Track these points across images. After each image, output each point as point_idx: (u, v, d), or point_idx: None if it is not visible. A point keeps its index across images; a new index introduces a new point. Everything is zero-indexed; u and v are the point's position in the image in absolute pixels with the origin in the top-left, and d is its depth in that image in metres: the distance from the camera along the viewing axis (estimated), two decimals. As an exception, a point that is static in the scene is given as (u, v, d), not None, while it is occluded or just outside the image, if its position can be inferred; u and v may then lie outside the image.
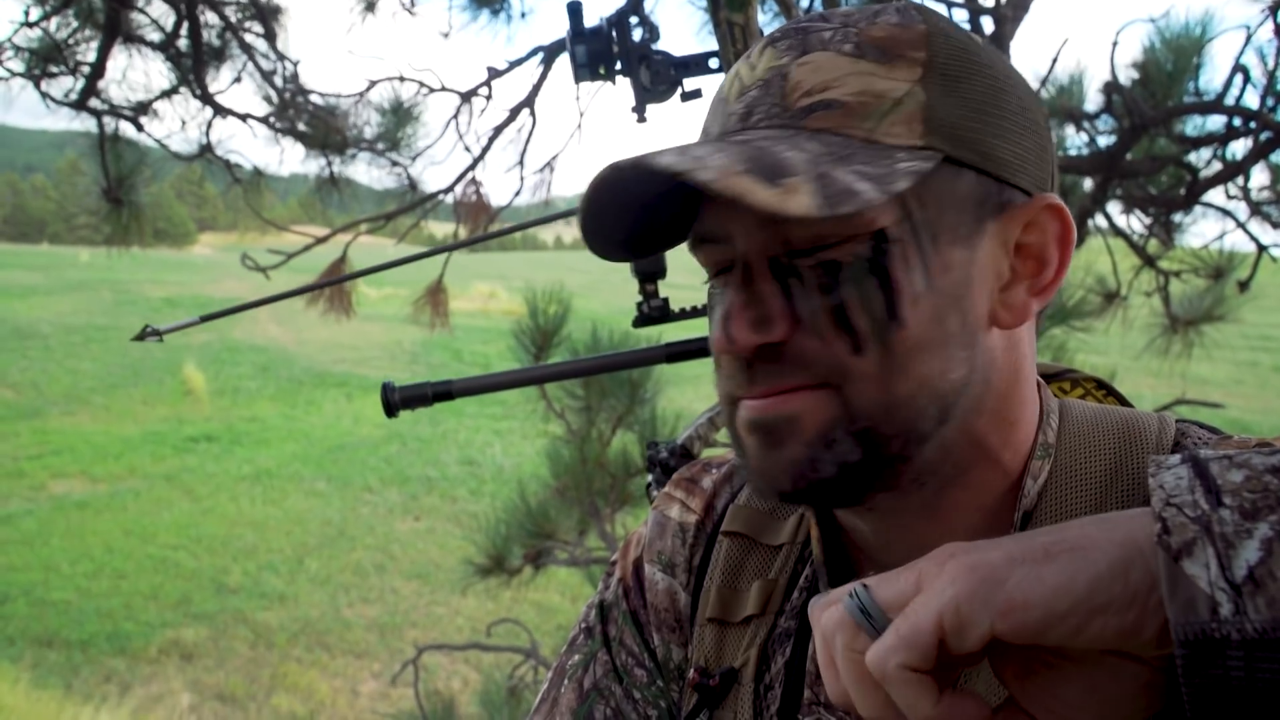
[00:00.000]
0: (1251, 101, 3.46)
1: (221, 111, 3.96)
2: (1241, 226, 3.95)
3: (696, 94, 1.51)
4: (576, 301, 4.23)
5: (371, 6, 4.08)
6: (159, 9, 3.66)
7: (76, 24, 3.61)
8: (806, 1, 3.35)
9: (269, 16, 3.86)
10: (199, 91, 3.84)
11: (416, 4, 4.05)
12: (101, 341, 20.72)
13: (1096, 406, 0.78)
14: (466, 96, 3.94)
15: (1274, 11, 3.21)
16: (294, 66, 4.02)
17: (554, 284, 4.16)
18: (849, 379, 0.67)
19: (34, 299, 25.97)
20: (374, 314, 21.17)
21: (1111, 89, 3.51)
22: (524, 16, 3.97)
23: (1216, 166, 3.79)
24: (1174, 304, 4.27)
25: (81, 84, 3.69)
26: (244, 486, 12.35)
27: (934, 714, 0.53)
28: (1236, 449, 0.54)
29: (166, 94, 3.84)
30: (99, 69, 3.66)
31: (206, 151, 4.08)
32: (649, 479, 1.46)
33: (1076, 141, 3.80)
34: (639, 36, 1.57)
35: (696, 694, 0.85)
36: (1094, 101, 3.77)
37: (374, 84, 4.09)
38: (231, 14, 3.85)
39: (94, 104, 3.76)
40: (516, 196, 4.00)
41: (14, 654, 7.92)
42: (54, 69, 3.65)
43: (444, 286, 4.18)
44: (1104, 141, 3.74)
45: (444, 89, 4.12)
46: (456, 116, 3.95)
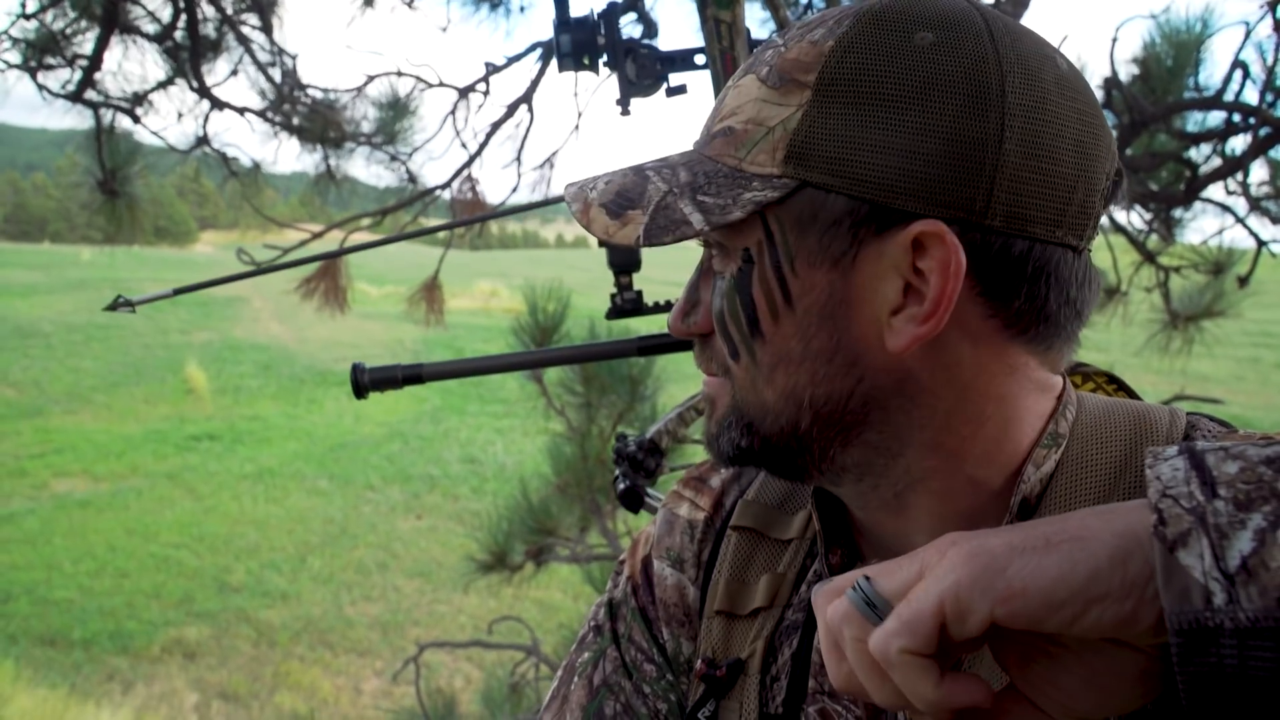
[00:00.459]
0: (1251, 97, 3.46)
1: (218, 104, 3.96)
2: (1241, 222, 3.96)
3: (681, 89, 1.51)
4: (576, 299, 4.23)
5: (370, 0, 4.07)
6: (156, 0, 3.66)
7: (73, 15, 3.61)
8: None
9: (266, 9, 3.86)
10: (195, 84, 3.83)
11: (414, -2, 4.05)
12: (103, 340, 20.75)
13: (1108, 399, 0.78)
14: (464, 92, 3.94)
15: (1273, 8, 3.21)
16: (291, 60, 4.02)
17: (554, 282, 4.16)
18: (731, 377, 0.76)
19: (35, 297, 26.00)
20: (375, 312, 21.21)
21: (1111, 85, 3.51)
22: (523, 10, 3.98)
23: (1216, 162, 3.80)
24: (1174, 300, 4.27)
25: (78, 76, 3.69)
26: (246, 485, 12.36)
27: (935, 697, 0.54)
28: (1242, 440, 0.55)
29: (163, 85, 3.84)
30: (96, 61, 3.66)
31: (203, 144, 4.08)
32: (616, 472, 1.46)
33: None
34: (638, 32, 1.57)
35: (703, 684, 0.87)
36: (1094, 97, 3.77)
37: (371, 79, 4.09)
38: (228, 6, 3.84)
39: (90, 96, 3.76)
40: (514, 193, 4.00)
41: (17, 653, 7.93)
42: (51, 61, 3.65)
43: (439, 283, 4.18)
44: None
45: (441, 84, 4.11)
46: (454, 112, 3.95)
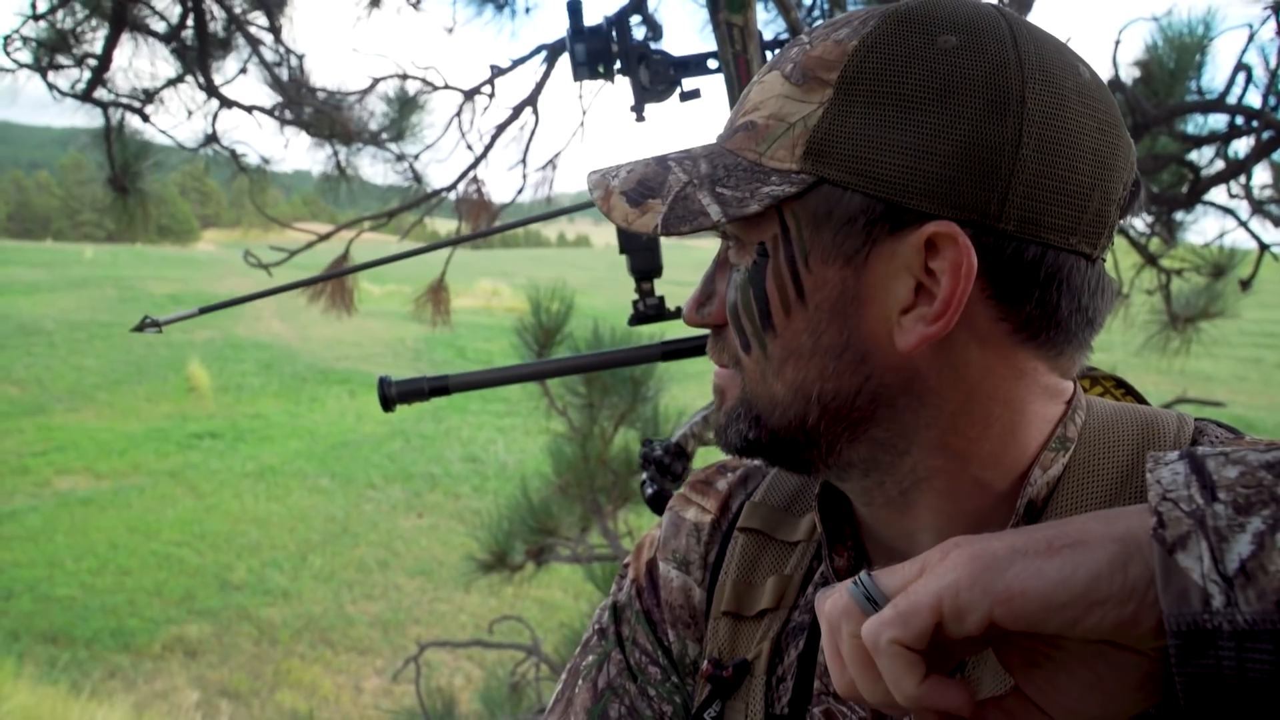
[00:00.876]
0: (1253, 100, 3.46)
1: (226, 103, 3.96)
2: (1243, 225, 3.95)
3: (695, 94, 1.51)
4: (579, 299, 4.23)
5: (377, 1, 4.07)
6: (164, 0, 3.67)
7: (83, 15, 3.62)
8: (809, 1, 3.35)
9: (273, 9, 3.86)
10: (204, 83, 3.84)
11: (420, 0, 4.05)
12: (105, 338, 20.76)
13: (1116, 404, 0.79)
14: (469, 94, 3.94)
15: (1276, 10, 3.21)
16: (299, 59, 4.02)
17: (557, 281, 4.16)
18: (741, 369, 0.77)
19: (38, 295, 26.02)
20: (377, 310, 21.21)
21: (1114, 87, 3.51)
22: (528, 12, 3.97)
23: (1218, 165, 3.80)
24: (1175, 302, 4.27)
25: (88, 75, 3.70)
26: (248, 483, 12.37)
27: (916, 693, 0.54)
28: (1246, 448, 0.55)
29: (172, 83, 3.84)
30: (105, 60, 3.66)
31: (212, 142, 4.08)
32: (643, 476, 1.46)
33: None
34: (642, 35, 1.57)
35: (709, 685, 0.87)
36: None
37: (377, 81, 4.09)
38: (236, 5, 3.85)
39: (100, 95, 3.77)
40: (519, 194, 4.00)
41: (19, 650, 7.93)
42: (60, 60, 3.66)
43: (445, 284, 4.18)
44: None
45: (447, 87, 4.12)
46: (459, 114, 3.96)
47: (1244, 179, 3.83)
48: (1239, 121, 3.56)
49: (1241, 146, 3.70)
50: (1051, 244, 0.68)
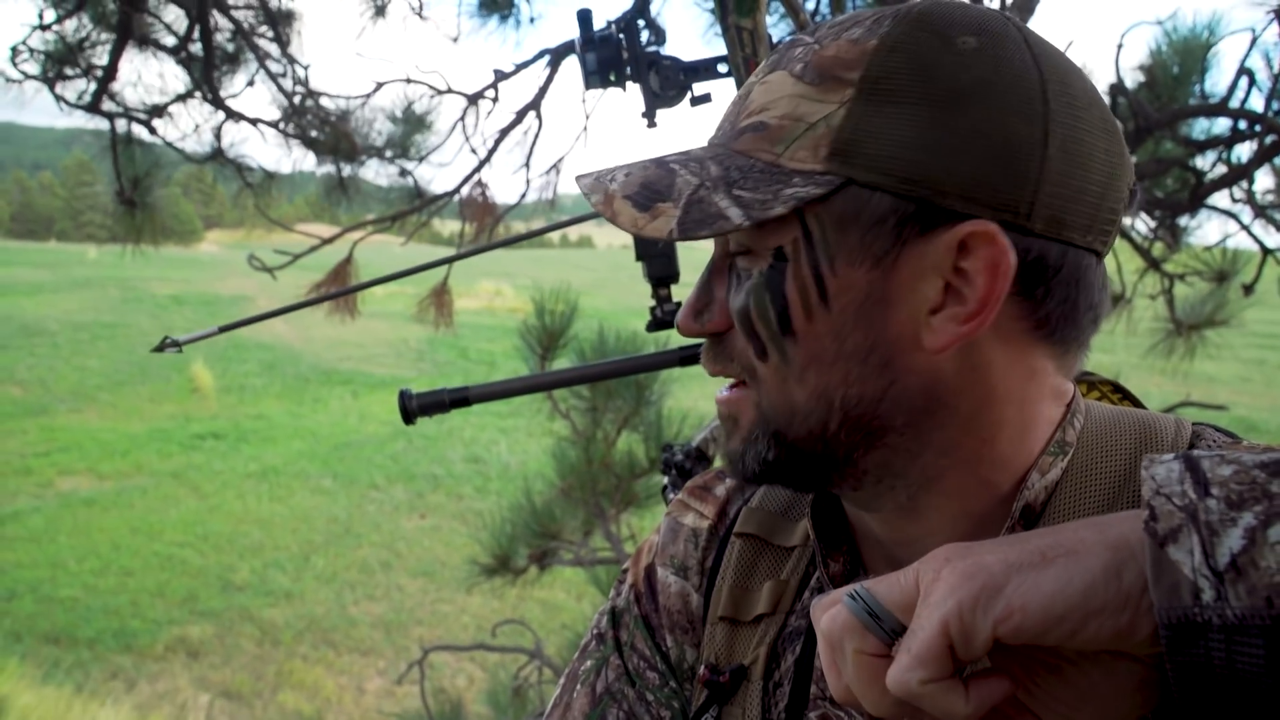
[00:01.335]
0: (1257, 104, 3.45)
1: (233, 115, 3.97)
2: (1246, 229, 3.95)
3: (706, 98, 1.50)
4: (582, 300, 4.22)
5: (382, 10, 4.09)
6: (172, 13, 3.68)
7: (90, 27, 3.62)
8: (813, 4, 3.35)
9: (280, 22, 3.87)
10: (210, 95, 3.85)
11: (425, 8, 4.06)
12: (109, 339, 20.76)
13: (1114, 409, 0.79)
14: (473, 99, 3.95)
15: (1279, 15, 3.21)
16: (305, 71, 4.04)
17: (560, 283, 4.16)
18: (756, 379, 0.74)
19: (41, 296, 26.01)
20: (380, 311, 21.18)
21: (1117, 91, 3.51)
22: (533, 21, 3.98)
23: (1221, 169, 3.79)
24: (1179, 307, 4.27)
25: (94, 87, 3.71)
26: (250, 484, 12.37)
27: (970, 710, 0.55)
28: (1244, 452, 0.56)
29: (181, 98, 3.85)
30: (111, 72, 3.67)
31: (218, 155, 4.09)
32: (665, 481, 1.46)
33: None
34: (645, 40, 1.57)
35: (706, 690, 0.87)
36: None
37: (381, 85, 4.10)
38: (244, 19, 3.85)
39: (107, 106, 3.77)
40: (523, 198, 4.02)
41: (21, 651, 7.93)
42: (68, 71, 3.66)
43: (449, 288, 4.19)
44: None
45: (451, 91, 4.13)
46: (463, 118, 3.97)
47: (1247, 183, 3.84)
48: (1242, 126, 3.56)
49: (1244, 151, 3.70)
50: (1073, 243, 0.70)
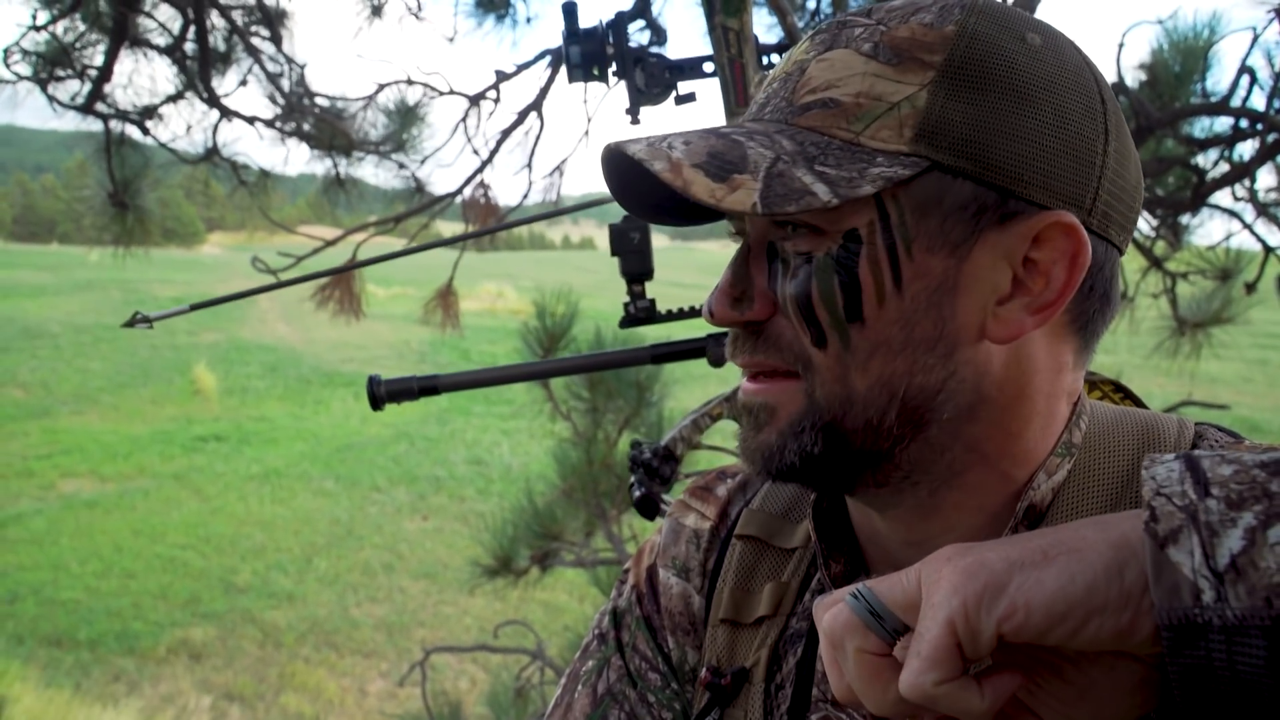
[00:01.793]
0: (1258, 103, 3.45)
1: (228, 114, 3.97)
2: (1248, 228, 3.95)
3: (690, 97, 1.51)
4: (584, 302, 4.22)
5: (378, 10, 4.09)
6: (166, 13, 3.67)
7: (84, 28, 3.62)
8: (813, 3, 3.35)
9: (275, 20, 3.87)
10: (205, 95, 3.84)
11: (423, 8, 4.06)
12: (111, 341, 20.77)
13: (1117, 408, 0.79)
14: (475, 99, 3.95)
15: (1279, 13, 3.21)
16: (300, 70, 4.03)
17: (561, 284, 4.16)
18: (811, 369, 0.70)
19: (43, 299, 26.06)
20: (382, 313, 21.20)
21: (1118, 91, 3.51)
22: (529, 21, 3.98)
23: (1223, 168, 3.79)
24: (1181, 306, 4.26)
25: (88, 88, 3.70)
26: (252, 486, 12.38)
27: (987, 705, 0.54)
28: (1245, 452, 0.55)
29: (173, 98, 3.85)
30: (106, 72, 3.67)
31: (213, 154, 4.09)
32: (631, 479, 1.45)
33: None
34: (646, 38, 1.57)
35: (708, 693, 0.86)
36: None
37: (382, 87, 4.10)
38: (238, 17, 3.85)
39: (100, 107, 3.76)
40: (525, 198, 4.01)
41: (23, 653, 7.94)
42: (61, 72, 3.66)
43: (454, 289, 4.19)
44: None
45: (452, 92, 4.13)
46: (465, 119, 3.96)
47: (1249, 182, 3.83)
48: (1243, 124, 3.56)
49: (1246, 149, 3.69)
50: (1111, 240, 0.71)
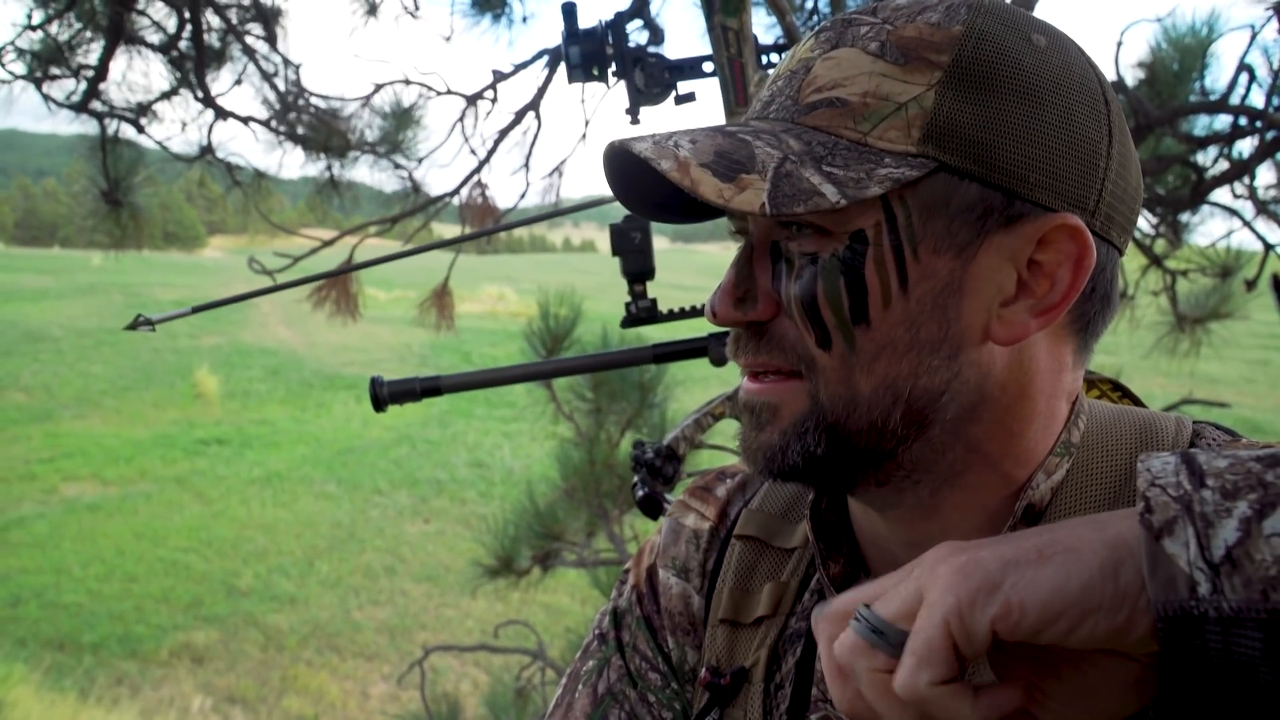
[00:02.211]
0: (1257, 100, 3.46)
1: (223, 114, 3.96)
2: (1248, 225, 3.94)
3: (690, 97, 1.50)
4: (586, 304, 4.22)
5: (374, 10, 4.08)
6: (160, 11, 3.66)
7: (79, 26, 3.61)
8: (811, 3, 3.35)
9: (270, 19, 3.87)
10: (200, 94, 3.84)
11: (419, 8, 4.06)
12: (112, 345, 20.78)
13: (1115, 407, 0.78)
14: (472, 99, 3.95)
15: (1278, 11, 3.20)
16: (295, 69, 4.03)
17: (563, 286, 4.16)
18: (815, 370, 0.70)
19: (45, 302, 26.05)
20: (383, 316, 21.22)
21: (1117, 89, 3.51)
22: (525, 21, 3.98)
23: (1223, 166, 3.79)
24: (1181, 303, 4.26)
25: (84, 86, 3.70)
26: (254, 489, 12.38)
27: (977, 717, 0.54)
28: (1242, 449, 0.55)
29: (167, 95, 3.84)
30: (101, 71, 3.66)
31: (207, 153, 4.08)
32: (634, 479, 1.45)
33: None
34: (644, 38, 1.57)
35: (708, 693, 0.86)
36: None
37: (379, 87, 4.10)
38: (233, 16, 3.85)
39: (95, 106, 3.76)
40: (522, 199, 4.01)
41: (26, 656, 7.94)
42: (56, 71, 3.65)
43: (449, 289, 4.19)
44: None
45: (449, 92, 4.12)
46: (462, 119, 3.96)
47: (1248, 179, 3.82)
48: (1242, 122, 3.56)
49: (1245, 147, 3.69)
50: (1113, 241, 0.71)
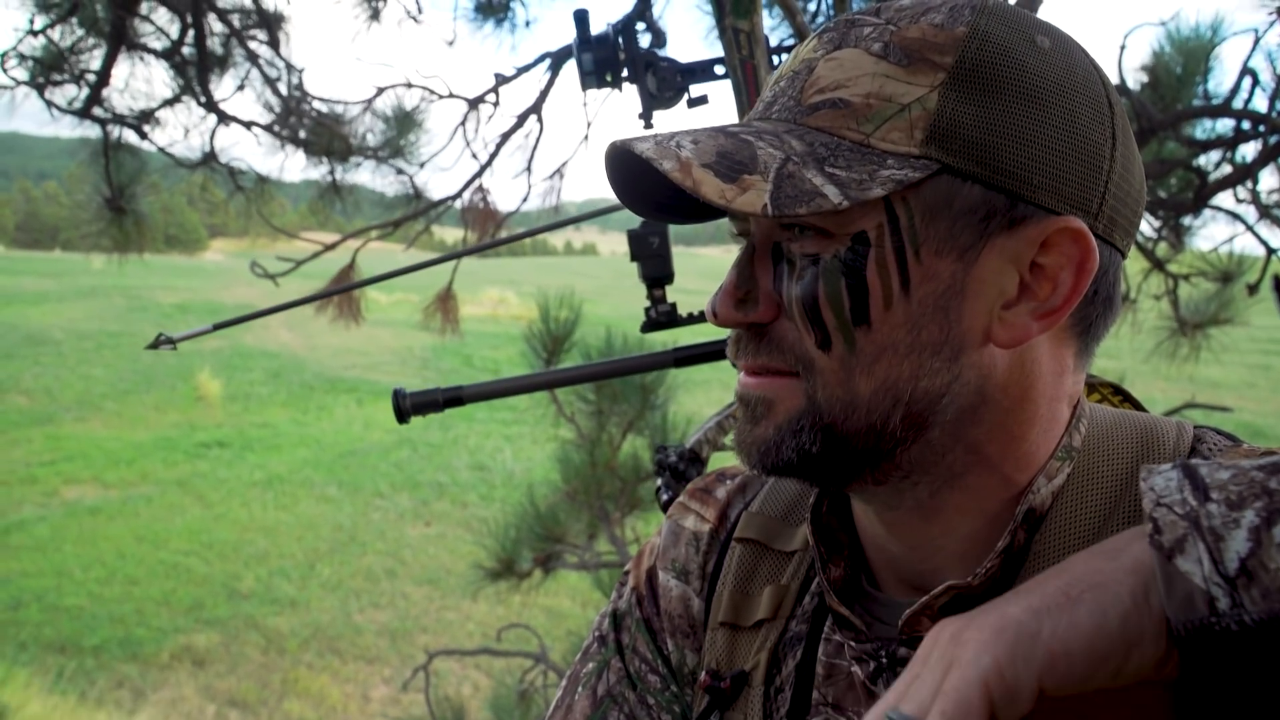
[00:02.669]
0: (1260, 105, 3.45)
1: (225, 119, 3.96)
2: (1250, 230, 3.94)
3: (703, 100, 1.50)
4: (586, 307, 4.22)
5: (376, 14, 4.09)
6: (163, 16, 3.66)
7: (81, 32, 3.61)
8: (813, 5, 3.35)
9: (273, 24, 3.87)
10: (203, 99, 3.84)
11: (422, 12, 4.07)
12: (114, 348, 20.79)
13: (1116, 411, 0.78)
14: (474, 103, 3.95)
15: (1281, 14, 3.20)
16: (298, 74, 4.03)
17: (564, 289, 4.16)
18: (813, 371, 0.69)
19: (46, 305, 26.07)
20: (384, 319, 21.23)
21: (1120, 93, 3.50)
22: (528, 25, 3.99)
23: (1225, 170, 3.78)
24: (1183, 307, 4.26)
25: (86, 92, 3.70)
26: (255, 492, 12.38)
27: None
28: (1242, 457, 0.55)
29: (170, 102, 3.84)
30: (104, 77, 3.66)
31: (210, 159, 4.08)
32: (658, 482, 1.45)
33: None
34: (646, 42, 1.57)
35: (708, 696, 0.86)
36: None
37: (381, 91, 4.10)
38: (236, 21, 3.85)
39: (98, 112, 3.76)
40: (524, 202, 4.01)
41: (27, 660, 7.94)
42: (58, 77, 3.65)
43: (454, 293, 4.19)
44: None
45: (451, 96, 4.13)
46: (464, 123, 3.97)
47: (1251, 184, 3.82)
48: (1245, 126, 3.55)
49: (1248, 151, 3.69)
50: (1115, 244, 0.71)
